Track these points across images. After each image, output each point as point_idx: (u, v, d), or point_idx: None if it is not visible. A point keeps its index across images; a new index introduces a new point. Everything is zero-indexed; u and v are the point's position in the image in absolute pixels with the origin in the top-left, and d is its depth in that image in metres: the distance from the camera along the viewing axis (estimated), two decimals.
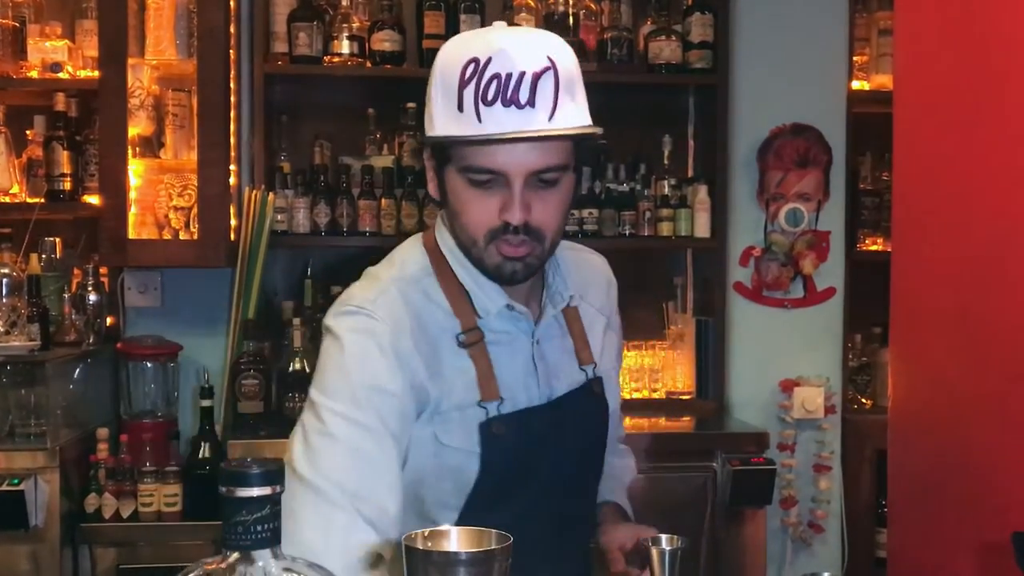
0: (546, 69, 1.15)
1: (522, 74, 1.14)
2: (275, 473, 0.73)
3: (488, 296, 1.28)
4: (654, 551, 1.04)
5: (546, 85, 1.15)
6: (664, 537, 1.05)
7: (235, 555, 0.73)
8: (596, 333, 1.41)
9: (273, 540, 0.73)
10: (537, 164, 1.18)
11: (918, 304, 1.85)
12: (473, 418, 1.26)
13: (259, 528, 0.72)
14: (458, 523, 1.20)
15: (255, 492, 0.72)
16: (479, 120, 1.15)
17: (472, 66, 1.16)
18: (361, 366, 1.22)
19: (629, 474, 1.60)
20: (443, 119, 1.19)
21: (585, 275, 1.44)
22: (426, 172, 1.31)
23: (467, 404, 1.26)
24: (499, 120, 1.15)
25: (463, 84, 1.16)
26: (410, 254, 1.33)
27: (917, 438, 1.85)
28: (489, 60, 1.15)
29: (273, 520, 0.73)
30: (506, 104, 1.14)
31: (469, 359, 1.27)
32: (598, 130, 1.23)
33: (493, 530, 0.89)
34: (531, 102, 1.15)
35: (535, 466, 1.30)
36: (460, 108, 1.16)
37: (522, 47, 1.16)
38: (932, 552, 1.76)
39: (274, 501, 0.73)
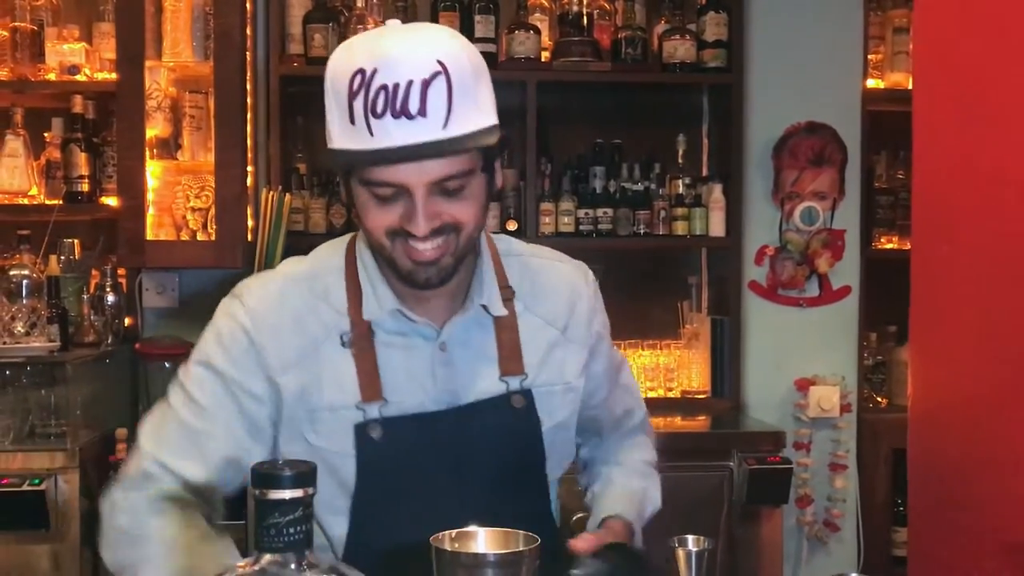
0: (436, 75, 1.11)
1: (410, 83, 1.10)
2: (307, 475, 0.74)
3: (378, 298, 1.26)
4: (680, 552, 1.04)
5: (437, 91, 1.11)
6: (691, 538, 1.05)
7: (267, 557, 0.74)
8: (537, 345, 1.33)
9: (306, 543, 0.74)
10: (438, 174, 1.14)
11: (938, 302, 1.84)
12: (348, 419, 1.24)
13: (291, 530, 0.73)
14: (350, 533, 1.26)
15: (287, 494, 0.73)
16: (371, 134, 1.11)
17: (359, 77, 1.11)
18: (213, 346, 1.27)
19: (649, 505, 1.48)
20: (338, 131, 1.16)
21: (539, 283, 1.37)
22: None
23: (342, 405, 1.24)
24: (390, 133, 1.11)
25: (352, 96, 1.12)
26: (329, 250, 1.34)
27: (938, 436, 1.84)
28: (375, 71, 1.10)
29: (305, 522, 0.74)
30: (396, 115, 1.10)
31: (351, 359, 1.25)
32: (493, 129, 1.17)
33: (521, 531, 0.89)
34: (422, 111, 1.10)
35: (431, 474, 1.26)
36: (352, 121, 1.13)
37: (408, 53, 1.11)
38: (954, 552, 1.75)
39: (306, 503, 0.74)
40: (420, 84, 1.10)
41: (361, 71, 1.11)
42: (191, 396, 1.26)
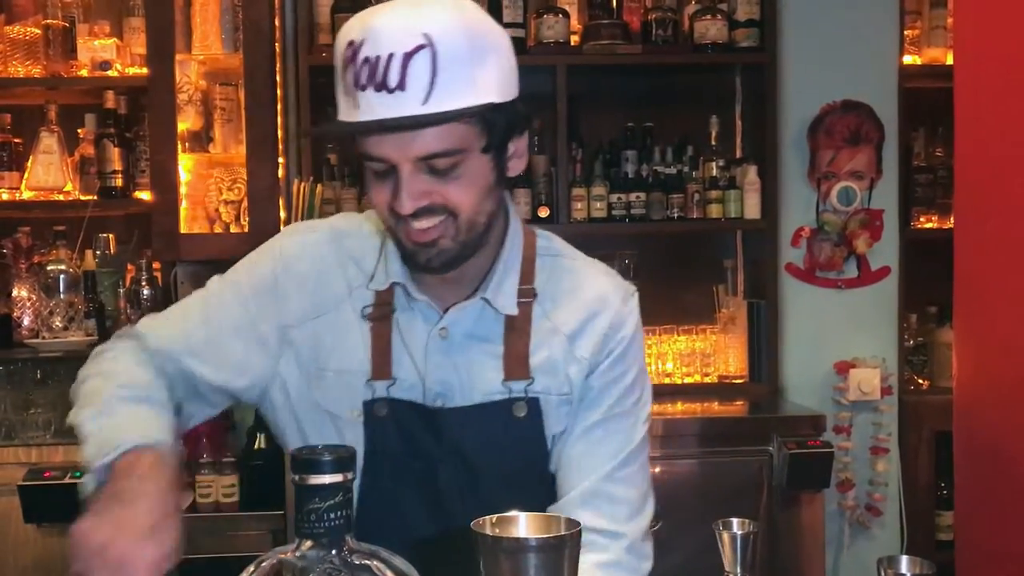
0: (419, 48, 1.07)
1: (391, 56, 1.07)
2: (347, 460, 0.73)
3: (388, 271, 1.25)
4: (726, 535, 1.02)
5: (419, 65, 1.07)
6: (735, 521, 1.03)
7: (308, 543, 0.73)
8: (544, 349, 1.26)
9: (346, 528, 0.73)
10: (420, 151, 1.10)
11: (982, 282, 1.81)
12: (359, 392, 1.23)
13: (332, 516, 0.72)
14: (358, 511, 1.19)
15: (327, 479, 0.72)
16: (356, 106, 1.10)
17: (350, 49, 1.10)
18: (244, 270, 1.30)
19: None
20: (341, 101, 1.14)
21: (565, 286, 1.29)
22: None
23: (348, 372, 1.24)
24: (371, 105, 1.09)
25: (345, 66, 1.11)
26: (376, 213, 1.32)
27: (984, 418, 1.81)
28: (363, 42, 1.09)
29: (346, 507, 0.73)
30: (377, 88, 1.08)
31: (369, 332, 1.24)
32: (492, 107, 1.11)
33: (562, 516, 0.88)
34: (401, 85, 1.07)
35: (436, 462, 1.24)
36: (346, 92, 1.12)
37: (393, 26, 1.08)
38: (1002, 535, 1.72)
39: (346, 489, 0.73)
40: (401, 57, 1.07)
41: (351, 42, 1.10)
42: (206, 298, 1.29)
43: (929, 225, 3.17)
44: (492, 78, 1.12)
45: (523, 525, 0.87)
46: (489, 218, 1.19)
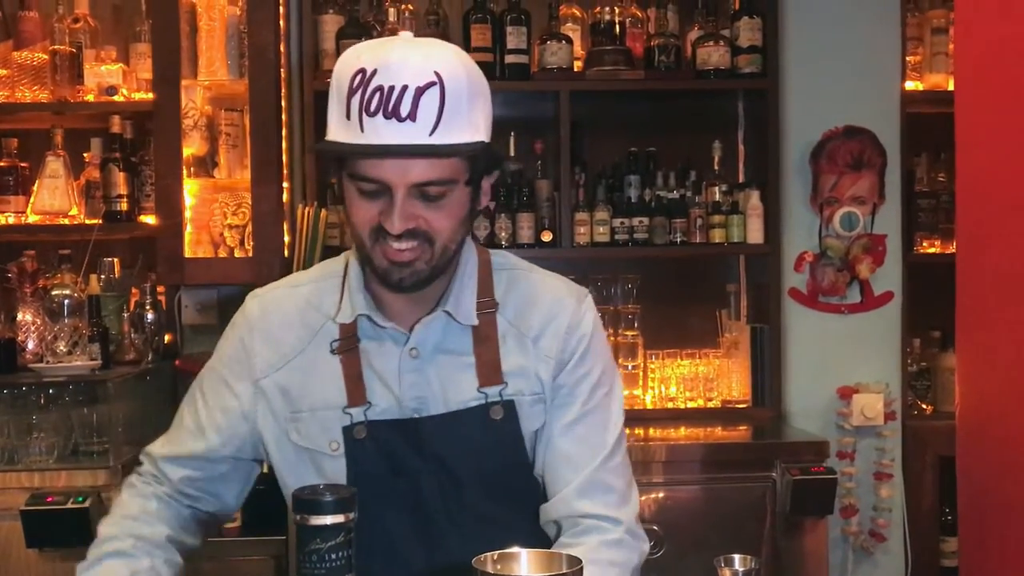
0: (431, 84, 1.18)
1: (404, 88, 1.17)
2: (348, 500, 0.73)
3: (352, 304, 1.33)
4: (727, 572, 1.02)
5: (429, 100, 1.18)
6: (737, 557, 1.03)
7: None
8: (514, 355, 1.34)
9: (347, 568, 0.73)
10: (418, 177, 1.20)
11: (985, 307, 1.81)
12: (331, 421, 1.31)
13: (333, 556, 0.73)
14: None
15: (328, 520, 0.73)
16: (361, 130, 1.19)
17: (359, 76, 1.19)
18: (220, 351, 1.41)
19: None
20: (335, 125, 1.23)
21: (524, 295, 1.38)
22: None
23: (324, 407, 1.31)
24: (379, 132, 1.18)
25: (351, 93, 1.19)
26: (335, 259, 1.43)
27: (986, 444, 1.80)
28: (375, 72, 1.18)
29: (347, 548, 0.73)
30: (387, 116, 1.17)
31: (340, 364, 1.32)
32: (482, 145, 1.23)
33: (564, 553, 0.88)
34: (412, 116, 1.17)
35: (420, 475, 1.30)
36: (348, 116, 1.20)
37: (408, 61, 1.18)
38: (1006, 561, 1.71)
39: (348, 529, 0.73)
40: (414, 90, 1.17)
41: (362, 71, 1.19)
42: (193, 391, 1.42)
43: (932, 250, 3.18)
44: (483, 119, 1.24)
45: (524, 562, 0.87)
46: (458, 245, 1.30)
